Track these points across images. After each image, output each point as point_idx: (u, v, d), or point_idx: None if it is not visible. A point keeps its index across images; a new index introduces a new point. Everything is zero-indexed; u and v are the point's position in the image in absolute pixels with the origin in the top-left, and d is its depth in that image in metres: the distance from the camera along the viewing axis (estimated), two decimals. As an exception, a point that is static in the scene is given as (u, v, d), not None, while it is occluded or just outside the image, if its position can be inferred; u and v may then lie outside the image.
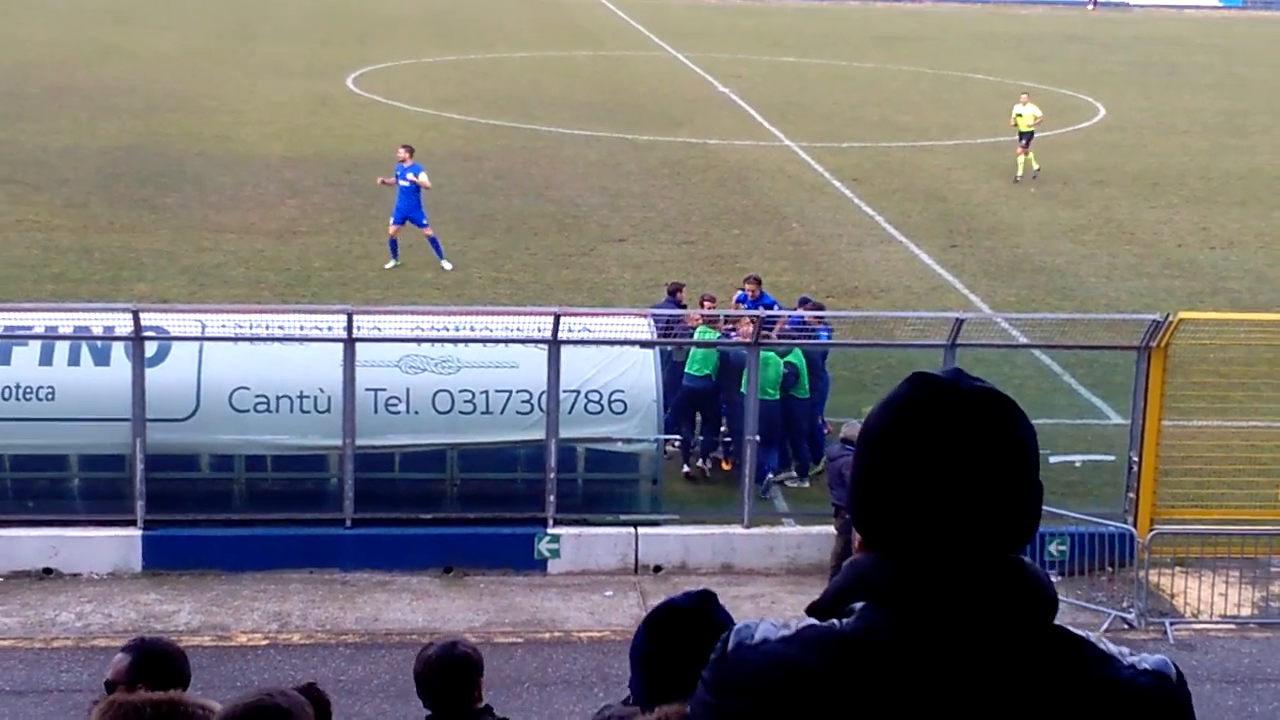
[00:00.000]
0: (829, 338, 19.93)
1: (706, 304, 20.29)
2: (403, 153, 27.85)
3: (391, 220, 27.78)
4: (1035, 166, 36.80)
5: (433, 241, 27.69)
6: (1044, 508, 2.64)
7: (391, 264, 27.49)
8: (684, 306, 20.65)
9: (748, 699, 2.57)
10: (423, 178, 27.61)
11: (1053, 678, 2.54)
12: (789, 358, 19.03)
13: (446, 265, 27.52)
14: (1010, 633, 2.55)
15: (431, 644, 7.01)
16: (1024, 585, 2.57)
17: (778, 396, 18.97)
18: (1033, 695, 2.53)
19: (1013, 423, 2.57)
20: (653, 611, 3.78)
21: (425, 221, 27.66)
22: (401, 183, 27.51)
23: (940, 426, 2.54)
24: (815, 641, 2.57)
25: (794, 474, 19.63)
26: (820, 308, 20.52)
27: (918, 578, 2.56)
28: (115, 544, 17.24)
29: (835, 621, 2.60)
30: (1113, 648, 2.61)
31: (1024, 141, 36.79)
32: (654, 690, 3.64)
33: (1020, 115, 36.87)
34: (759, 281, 21.55)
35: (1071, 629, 2.60)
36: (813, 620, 2.63)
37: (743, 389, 18.43)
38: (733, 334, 19.46)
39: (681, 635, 3.62)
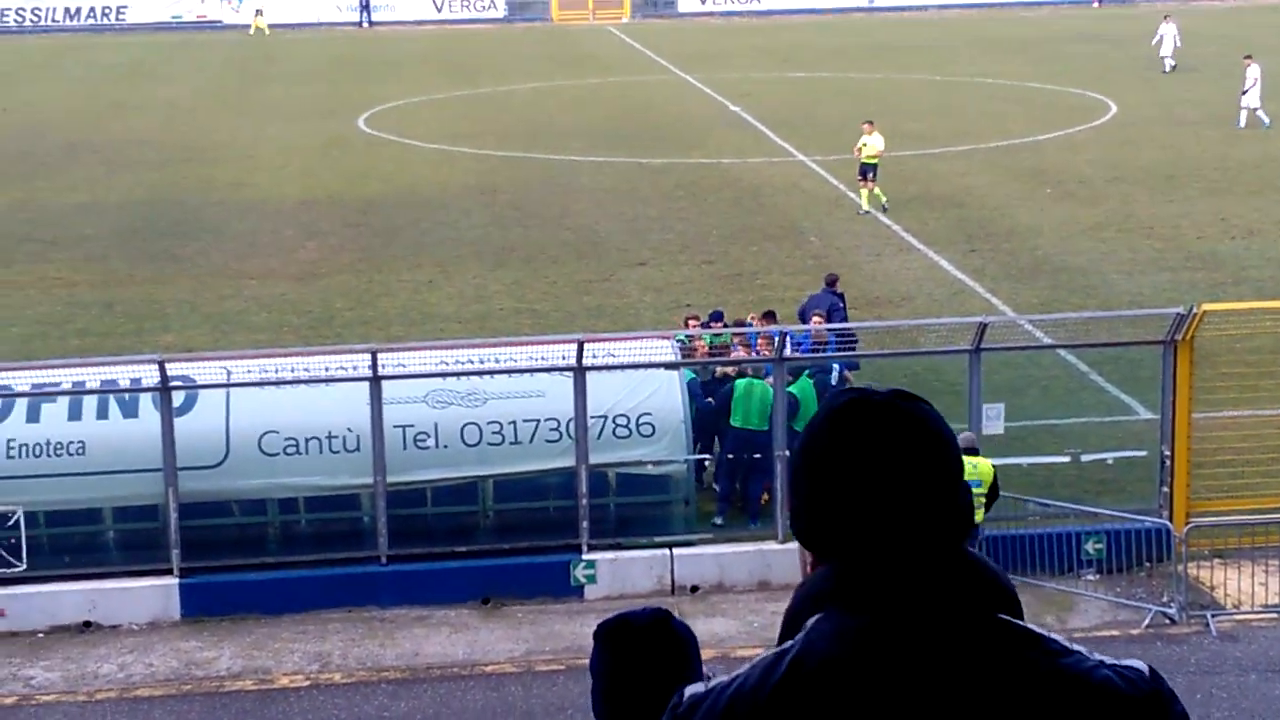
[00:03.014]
0: (807, 349, 19.51)
1: (757, 322, 20.19)
2: None
3: None
4: (883, 200, 33.34)
5: None
6: (1080, 506, 2.66)
7: None
8: (840, 295, 21.51)
9: None
10: None
11: (1001, 669, 2.55)
12: (791, 388, 18.30)
13: None
14: (954, 625, 2.58)
15: None
16: (967, 575, 2.62)
17: (766, 428, 18.30)
18: (981, 688, 2.54)
19: (921, 421, 2.66)
20: (608, 624, 3.90)
21: None
22: None
23: (852, 433, 2.64)
24: (765, 664, 2.64)
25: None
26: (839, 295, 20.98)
27: (853, 580, 2.62)
28: (153, 594, 17.30)
29: (790, 642, 2.65)
30: (1076, 646, 2.63)
31: (869, 175, 33.29)
32: (612, 703, 3.74)
33: (865, 145, 33.54)
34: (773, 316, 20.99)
35: (1028, 625, 2.62)
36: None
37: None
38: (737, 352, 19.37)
39: (637, 648, 3.76)
